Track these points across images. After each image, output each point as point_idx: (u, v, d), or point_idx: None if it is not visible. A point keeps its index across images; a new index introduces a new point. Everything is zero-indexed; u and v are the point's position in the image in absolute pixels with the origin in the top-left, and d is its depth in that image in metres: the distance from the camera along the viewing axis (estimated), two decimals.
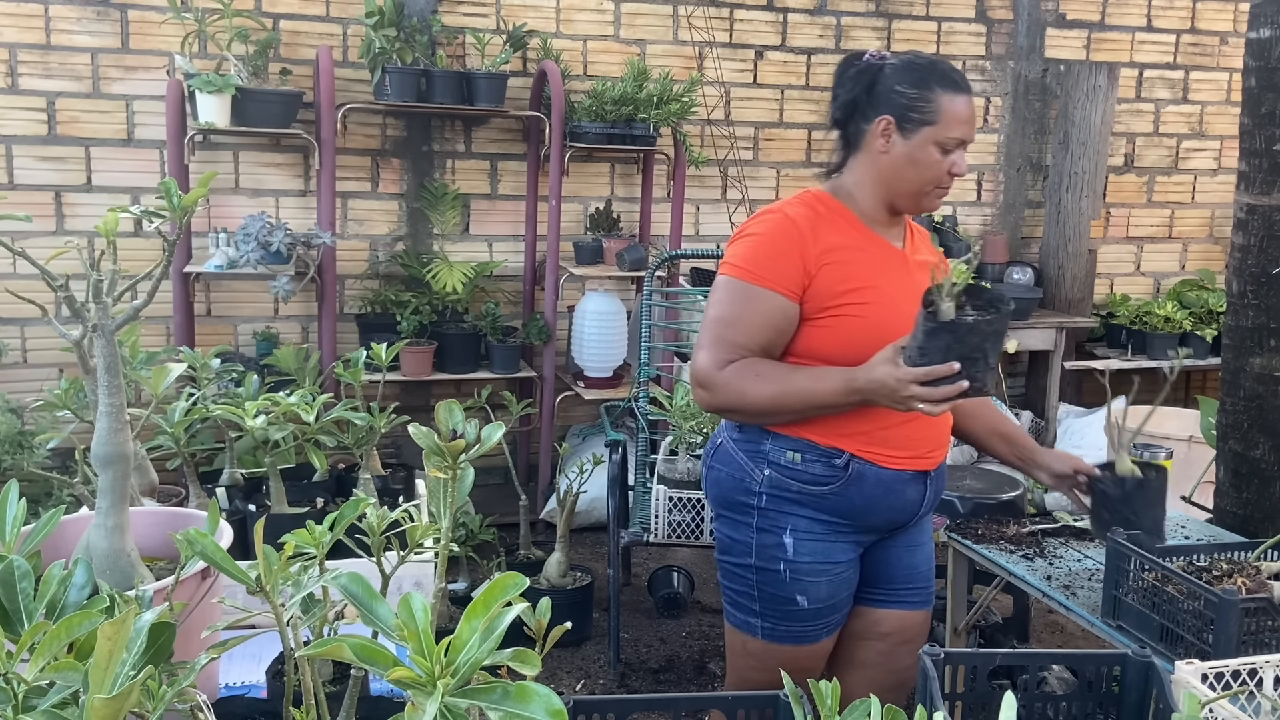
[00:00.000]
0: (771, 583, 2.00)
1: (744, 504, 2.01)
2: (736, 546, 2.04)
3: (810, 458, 1.96)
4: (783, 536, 1.98)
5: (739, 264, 1.96)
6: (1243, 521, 2.70)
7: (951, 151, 1.95)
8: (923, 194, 1.99)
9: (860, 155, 2.01)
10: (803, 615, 2.01)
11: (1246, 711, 1.52)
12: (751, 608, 2.04)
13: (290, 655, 1.28)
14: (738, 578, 2.05)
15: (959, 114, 1.93)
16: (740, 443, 2.03)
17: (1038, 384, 5.11)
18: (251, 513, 2.58)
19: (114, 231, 1.62)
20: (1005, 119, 5.17)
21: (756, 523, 2.00)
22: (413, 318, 4.18)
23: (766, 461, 1.99)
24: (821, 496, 1.97)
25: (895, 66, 1.97)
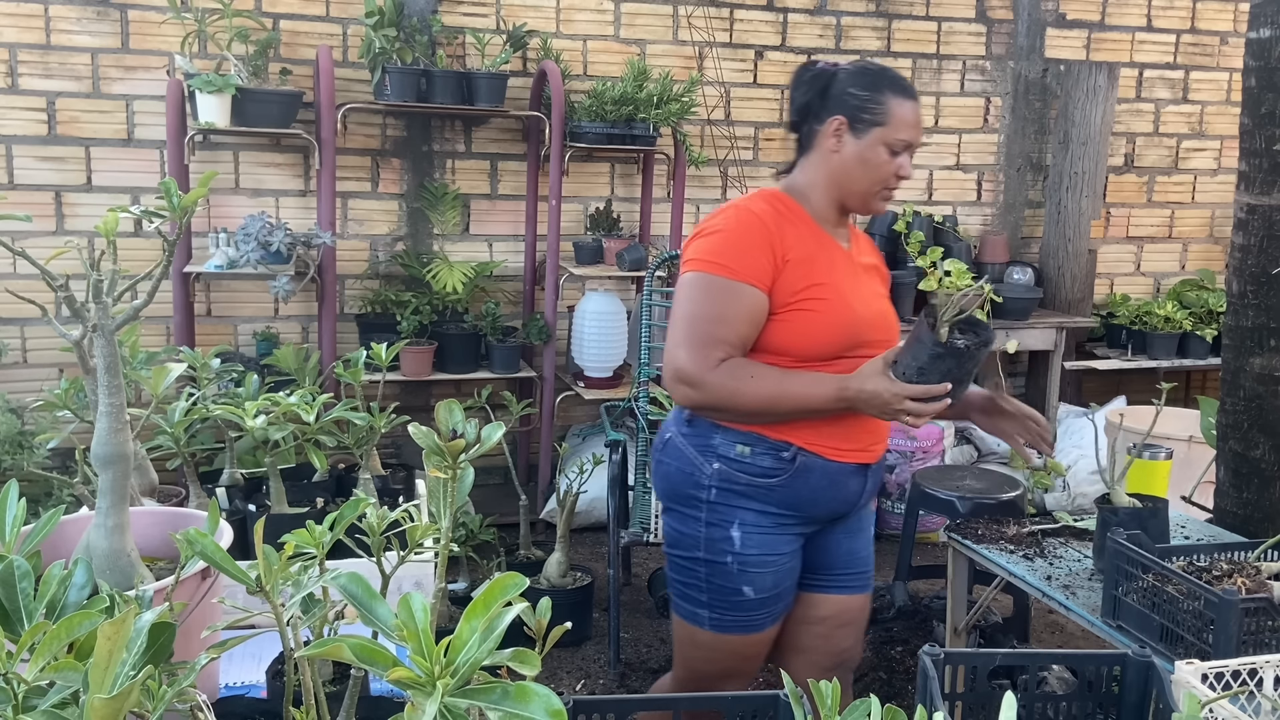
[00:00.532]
0: (719, 575, 2.05)
1: (693, 498, 2.06)
2: (685, 540, 2.08)
3: (759, 451, 2.01)
4: (730, 530, 2.03)
5: (712, 259, 1.98)
6: (1243, 521, 2.70)
7: (899, 154, 2.05)
8: (871, 194, 2.08)
9: (813, 155, 2.09)
10: (749, 605, 2.06)
11: (1246, 711, 1.52)
12: (699, 599, 2.09)
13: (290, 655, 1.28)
14: (686, 570, 2.09)
15: (907, 118, 2.03)
16: (690, 437, 2.07)
17: (1038, 384, 5.11)
18: (251, 513, 2.58)
19: (114, 231, 1.62)
20: (1005, 119, 5.17)
21: (705, 516, 2.05)
22: (413, 318, 4.18)
23: (716, 455, 2.03)
24: (769, 489, 2.02)
25: (849, 72, 2.07)
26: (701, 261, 1.99)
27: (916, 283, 4.73)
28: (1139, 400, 5.06)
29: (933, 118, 5.07)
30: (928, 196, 5.13)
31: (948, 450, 4.59)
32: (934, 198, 5.14)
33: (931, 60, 5.02)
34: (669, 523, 2.13)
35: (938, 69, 5.03)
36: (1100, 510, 2.36)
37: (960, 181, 5.17)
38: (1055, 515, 2.76)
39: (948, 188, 5.16)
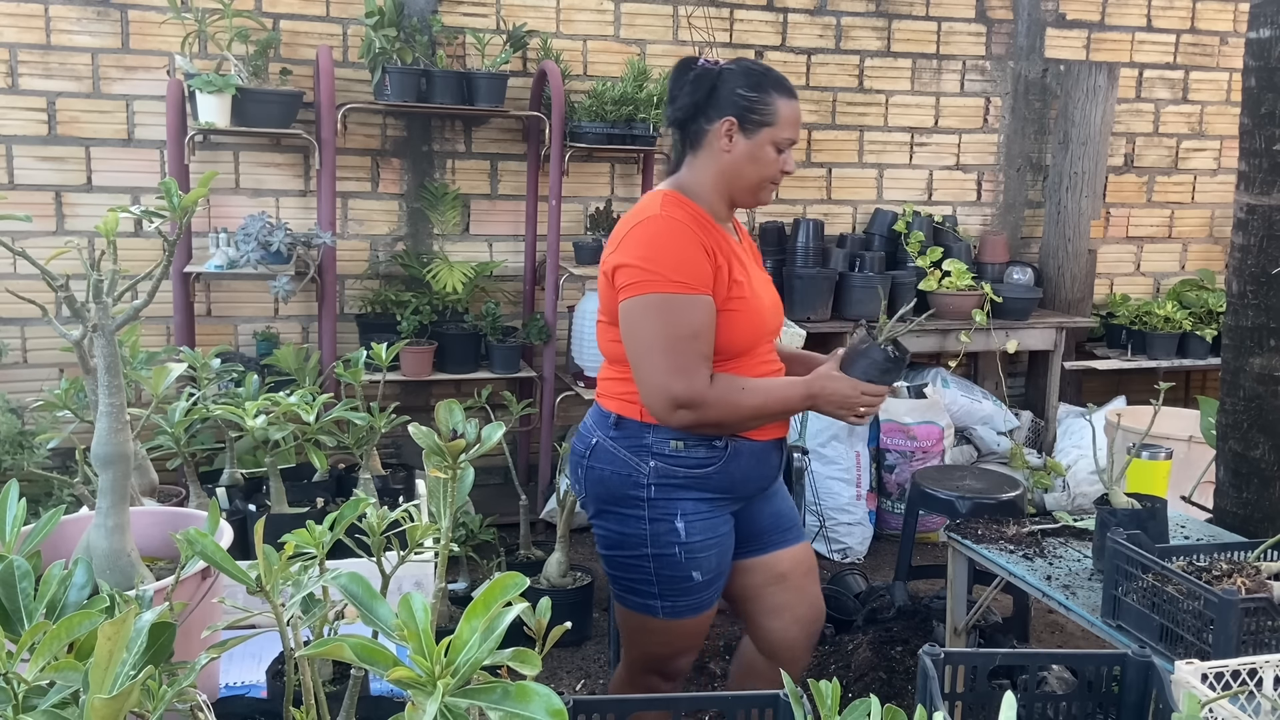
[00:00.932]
0: (668, 566, 2.13)
1: (633, 498, 2.12)
2: (629, 540, 2.14)
3: (693, 443, 2.11)
4: (675, 522, 2.11)
5: (665, 276, 2.02)
6: (1243, 521, 2.70)
7: (784, 150, 2.15)
8: (759, 188, 2.18)
9: (701, 154, 2.17)
10: (698, 588, 2.16)
11: (1246, 711, 1.52)
12: (650, 591, 2.16)
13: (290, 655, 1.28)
14: (633, 568, 2.16)
15: (792, 117, 2.14)
16: (620, 440, 2.13)
17: (1038, 384, 5.11)
18: (251, 513, 2.58)
19: (114, 231, 1.62)
20: (1005, 119, 5.17)
21: (648, 513, 2.12)
22: (413, 318, 4.18)
23: (651, 454, 2.10)
24: (706, 477, 2.12)
25: (734, 72, 2.14)
26: (655, 282, 2.02)
27: (916, 283, 4.76)
28: (1138, 400, 5.06)
29: (933, 118, 5.07)
30: (928, 196, 5.13)
31: (947, 450, 4.59)
32: (934, 198, 5.14)
33: (931, 60, 5.02)
34: (607, 526, 2.18)
35: (938, 69, 5.03)
36: (1100, 510, 2.36)
37: (960, 181, 5.17)
38: (1055, 515, 2.76)
39: (948, 188, 5.16)
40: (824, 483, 4.30)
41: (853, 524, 4.33)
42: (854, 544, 4.32)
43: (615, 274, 2.07)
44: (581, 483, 2.21)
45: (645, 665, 2.28)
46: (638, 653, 2.27)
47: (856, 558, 4.32)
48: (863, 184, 5.04)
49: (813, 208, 4.98)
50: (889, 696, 3.04)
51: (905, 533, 3.55)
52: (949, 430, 4.60)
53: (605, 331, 2.19)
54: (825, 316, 4.59)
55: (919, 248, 4.82)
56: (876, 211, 4.98)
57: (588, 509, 2.24)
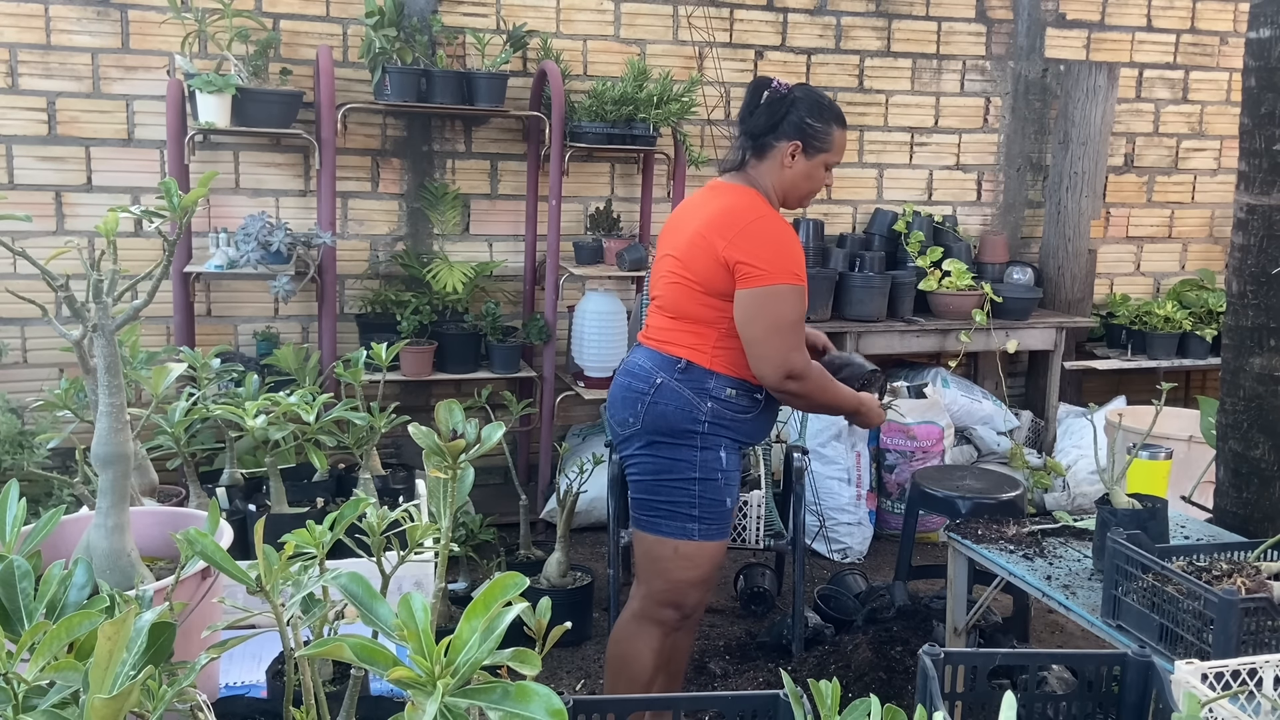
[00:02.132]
0: (710, 490, 2.51)
1: (689, 431, 2.49)
2: (679, 465, 2.50)
3: (741, 393, 2.51)
4: (719, 451, 2.51)
5: (794, 271, 2.44)
6: (1243, 521, 2.70)
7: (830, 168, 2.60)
8: (807, 197, 2.63)
9: (766, 163, 2.56)
10: (726, 514, 2.56)
11: (1246, 711, 1.52)
12: (690, 514, 2.51)
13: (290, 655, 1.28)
14: (680, 491, 2.51)
15: (843, 144, 2.59)
16: (685, 382, 2.50)
17: (1038, 384, 5.11)
18: (251, 513, 2.58)
19: (114, 231, 1.62)
20: (1005, 119, 5.17)
21: (700, 444, 2.50)
22: (413, 318, 4.18)
23: (710, 396, 2.49)
24: (742, 423, 2.54)
25: (803, 101, 2.54)
26: (784, 274, 2.42)
27: (916, 283, 4.76)
28: (1139, 400, 5.06)
29: (933, 118, 5.07)
30: (928, 196, 5.13)
31: (947, 450, 4.59)
32: (934, 198, 5.14)
33: (931, 60, 5.02)
34: (658, 454, 2.52)
35: (938, 69, 5.03)
36: (1100, 510, 2.36)
37: (960, 181, 5.17)
38: (1055, 515, 2.76)
39: (948, 188, 5.16)
40: (824, 483, 4.30)
41: (853, 524, 4.33)
42: (854, 544, 4.32)
43: (741, 263, 2.42)
44: (640, 416, 2.53)
45: (667, 596, 2.56)
46: (662, 583, 2.56)
47: (856, 558, 4.32)
48: (863, 184, 5.04)
49: (813, 208, 4.97)
50: (889, 696, 3.04)
51: (905, 533, 3.55)
52: (949, 430, 4.60)
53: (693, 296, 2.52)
54: (825, 316, 4.59)
55: (919, 248, 4.82)
56: (876, 211, 4.98)
57: (634, 441, 2.55)
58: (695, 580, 2.56)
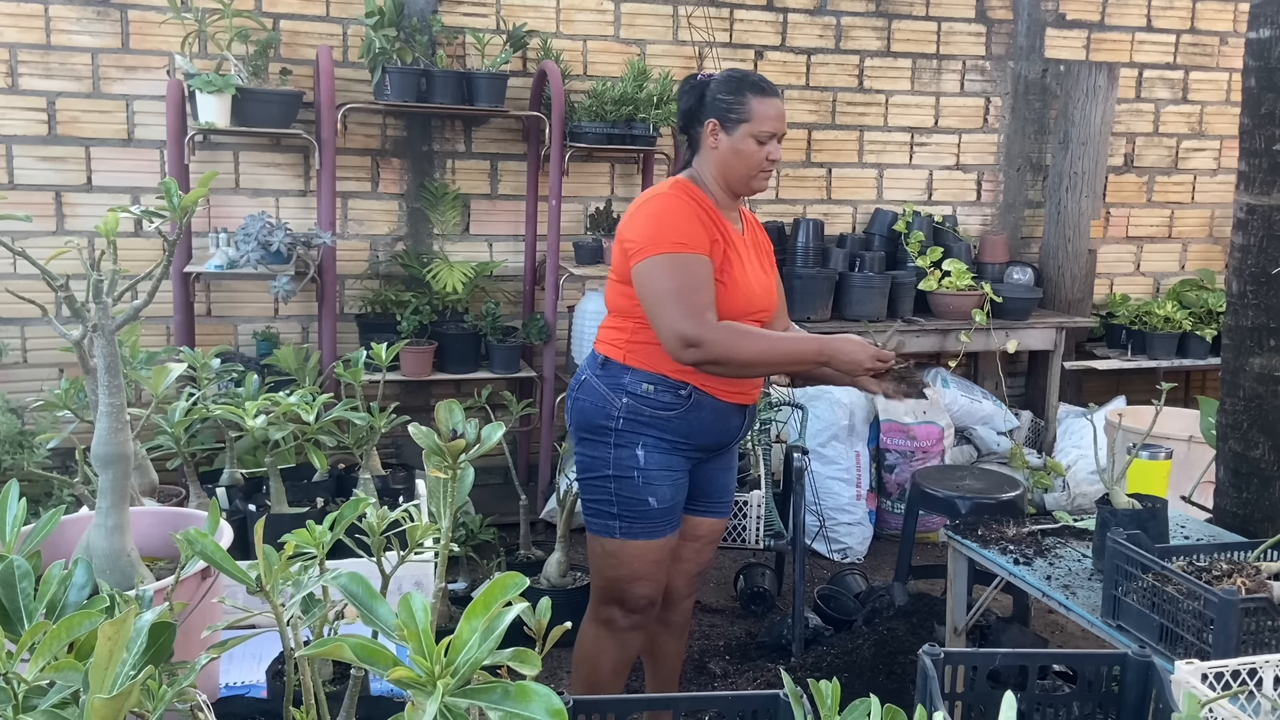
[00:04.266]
0: (627, 488, 2.43)
1: (604, 427, 2.43)
2: (596, 463, 2.45)
3: (661, 389, 2.40)
4: (636, 449, 2.42)
5: (668, 240, 2.34)
6: (1243, 521, 2.70)
7: (765, 143, 2.43)
8: (749, 177, 2.46)
9: (700, 152, 2.49)
10: (654, 514, 2.44)
11: (1246, 711, 1.52)
12: (610, 512, 2.45)
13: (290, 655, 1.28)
14: (598, 489, 2.46)
15: (767, 112, 2.42)
16: (603, 378, 2.45)
17: (1038, 384, 5.11)
18: (251, 513, 2.58)
19: (114, 231, 1.62)
20: (1005, 119, 5.17)
21: (614, 440, 2.43)
22: (413, 318, 4.18)
23: (625, 392, 2.41)
24: (667, 420, 2.42)
25: (718, 81, 2.46)
26: (659, 245, 2.33)
27: (916, 283, 4.76)
28: (1139, 400, 5.06)
29: (933, 118, 5.07)
30: (928, 196, 5.13)
31: (948, 450, 4.59)
32: (934, 198, 5.14)
33: (931, 60, 5.02)
34: (581, 452, 2.49)
35: (938, 69, 5.03)
36: (1100, 510, 2.36)
37: (960, 181, 5.17)
38: (1055, 515, 2.76)
39: (948, 188, 5.16)
40: (824, 483, 4.30)
41: (853, 524, 4.33)
42: (854, 544, 4.32)
43: (626, 241, 2.39)
44: (569, 413, 2.53)
45: (606, 594, 2.52)
46: (600, 580, 2.54)
47: (856, 558, 4.31)
48: (863, 184, 5.04)
49: (813, 208, 4.98)
50: (889, 696, 3.04)
51: (905, 533, 3.55)
52: (949, 430, 4.60)
53: (612, 288, 2.51)
54: (825, 316, 4.59)
55: (919, 248, 4.82)
56: (876, 211, 4.98)
57: (571, 439, 2.54)
58: (627, 578, 2.49)
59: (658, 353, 2.39)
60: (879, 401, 4.55)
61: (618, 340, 2.46)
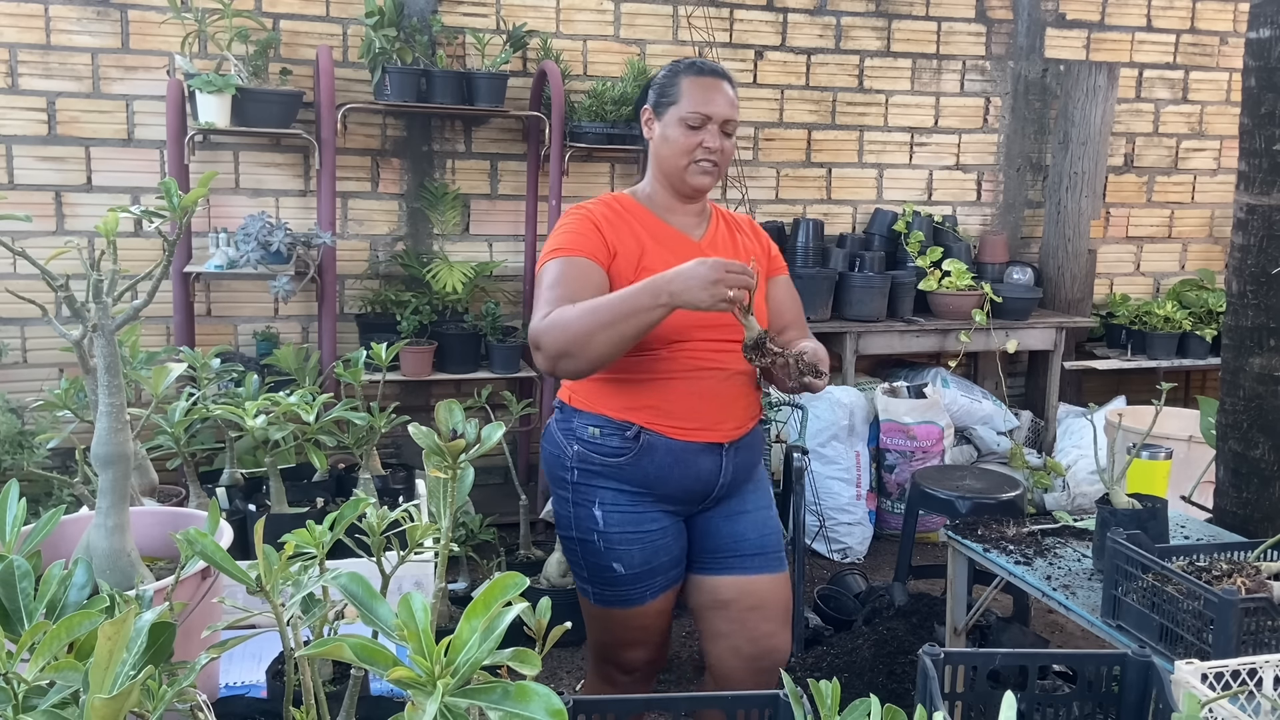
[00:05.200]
0: (590, 552, 2.14)
1: (561, 479, 2.16)
2: (561, 519, 2.19)
3: (608, 431, 2.10)
4: (593, 509, 2.12)
5: (549, 250, 2.12)
6: (1243, 521, 2.70)
7: (698, 127, 2.14)
8: (681, 168, 2.17)
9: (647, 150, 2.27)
10: (623, 581, 2.14)
11: (1246, 711, 1.52)
12: (582, 574, 2.20)
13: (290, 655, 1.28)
14: (567, 548, 2.21)
15: (699, 94, 2.13)
16: (559, 422, 2.19)
17: (1037, 384, 5.11)
18: (251, 513, 2.58)
19: (114, 231, 1.62)
20: (1005, 119, 5.17)
21: (571, 496, 2.15)
22: (413, 318, 4.18)
23: (575, 438, 2.13)
24: (619, 467, 2.10)
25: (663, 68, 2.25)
26: (545, 254, 2.12)
27: (916, 283, 4.76)
28: (1139, 400, 5.06)
29: (933, 118, 5.07)
30: (928, 196, 5.13)
31: (948, 450, 4.59)
32: (934, 198, 5.14)
33: (931, 60, 5.02)
34: (552, 505, 2.24)
35: (938, 69, 5.03)
36: (1100, 510, 2.36)
37: (960, 181, 5.17)
38: (1055, 515, 2.76)
39: (948, 188, 5.16)
40: (824, 483, 4.30)
41: (853, 524, 4.33)
42: (854, 544, 4.32)
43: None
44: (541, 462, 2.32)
45: (599, 654, 2.29)
46: (590, 638, 2.32)
47: (856, 558, 4.31)
48: (863, 184, 5.04)
49: (812, 208, 4.98)
50: (889, 696, 3.04)
51: (905, 533, 3.55)
52: (949, 430, 4.60)
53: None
54: (825, 316, 4.59)
55: (919, 248, 4.82)
56: (876, 211, 4.98)
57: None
58: (614, 643, 2.23)
59: (600, 389, 2.13)
60: (879, 401, 4.55)
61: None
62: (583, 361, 1.95)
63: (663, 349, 2.09)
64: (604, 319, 1.92)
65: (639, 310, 1.91)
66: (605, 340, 1.92)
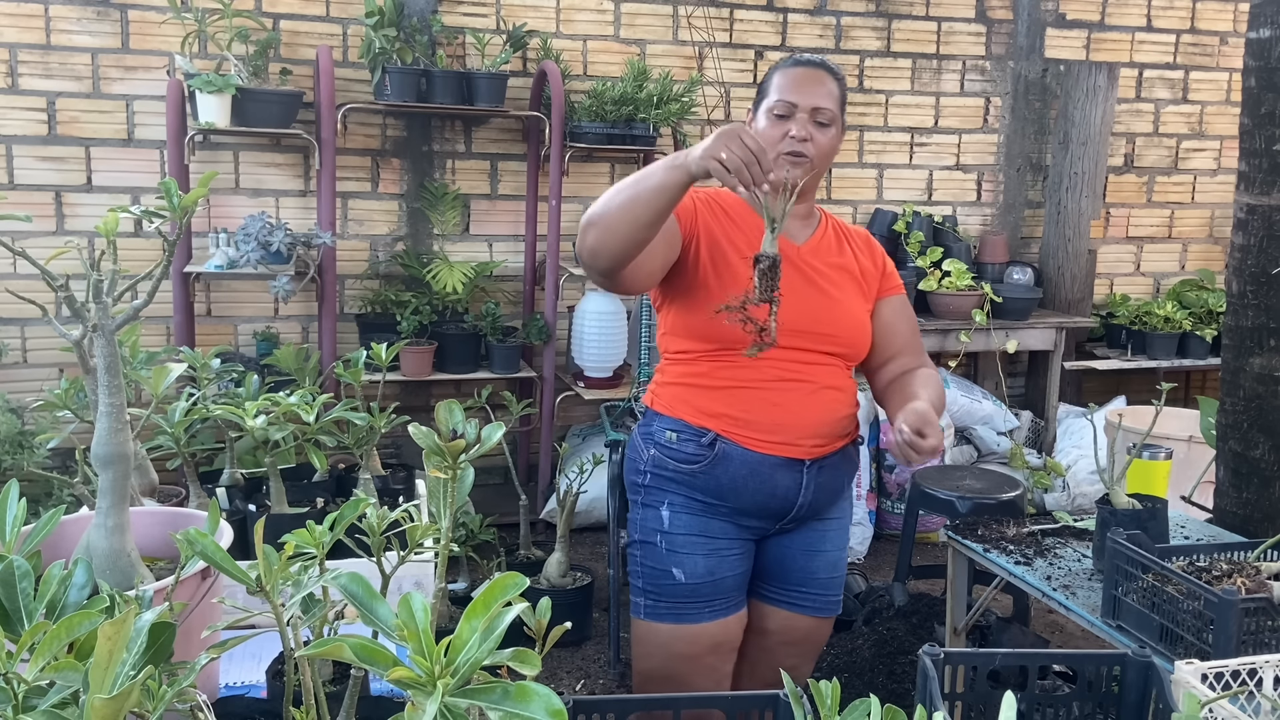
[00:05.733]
0: (651, 556, 2.06)
1: (635, 483, 2.12)
2: (631, 527, 2.13)
3: (684, 437, 2.04)
4: (660, 509, 2.06)
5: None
6: (1243, 521, 2.70)
7: (786, 117, 2.01)
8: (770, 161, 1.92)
9: None
10: (680, 591, 2.03)
11: (1246, 711, 1.52)
12: (638, 585, 2.10)
13: (290, 655, 1.28)
14: (630, 557, 2.13)
15: (784, 83, 2.03)
16: (640, 428, 2.14)
17: (1038, 384, 5.11)
18: (251, 513, 2.57)
19: (114, 231, 1.62)
20: (1005, 119, 5.17)
21: (642, 499, 2.10)
22: (413, 318, 4.18)
23: (653, 443, 2.09)
24: (693, 475, 2.04)
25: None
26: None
27: (916, 283, 4.75)
28: (1139, 400, 5.06)
29: (933, 118, 5.07)
30: (928, 196, 5.13)
31: (948, 450, 4.59)
32: (934, 198, 5.14)
33: (931, 60, 5.02)
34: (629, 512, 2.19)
35: (938, 69, 5.03)
36: (1100, 510, 2.36)
37: (960, 181, 5.17)
38: (1055, 515, 2.76)
39: (948, 188, 5.16)
40: None
41: (853, 524, 4.33)
42: (854, 544, 4.32)
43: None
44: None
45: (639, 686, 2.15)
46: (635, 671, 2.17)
47: (856, 558, 4.31)
48: (863, 184, 5.04)
49: None
50: (889, 696, 3.04)
51: (905, 533, 3.55)
52: (949, 430, 4.60)
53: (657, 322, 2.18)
54: None
55: (919, 248, 4.82)
56: (876, 211, 4.98)
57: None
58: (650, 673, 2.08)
59: (681, 393, 2.07)
60: None
61: (655, 382, 2.17)
62: (603, 231, 1.82)
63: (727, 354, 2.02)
64: (625, 190, 1.82)
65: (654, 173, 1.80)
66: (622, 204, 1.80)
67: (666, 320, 2.12)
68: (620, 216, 1.81)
